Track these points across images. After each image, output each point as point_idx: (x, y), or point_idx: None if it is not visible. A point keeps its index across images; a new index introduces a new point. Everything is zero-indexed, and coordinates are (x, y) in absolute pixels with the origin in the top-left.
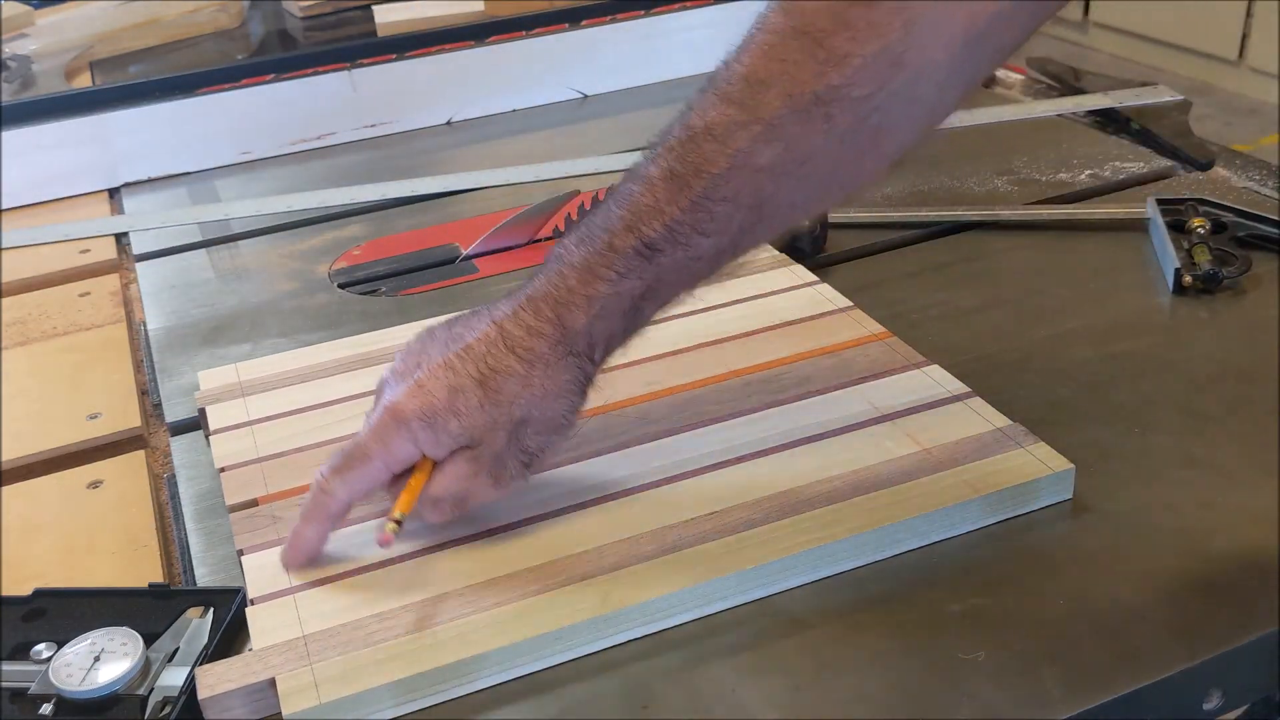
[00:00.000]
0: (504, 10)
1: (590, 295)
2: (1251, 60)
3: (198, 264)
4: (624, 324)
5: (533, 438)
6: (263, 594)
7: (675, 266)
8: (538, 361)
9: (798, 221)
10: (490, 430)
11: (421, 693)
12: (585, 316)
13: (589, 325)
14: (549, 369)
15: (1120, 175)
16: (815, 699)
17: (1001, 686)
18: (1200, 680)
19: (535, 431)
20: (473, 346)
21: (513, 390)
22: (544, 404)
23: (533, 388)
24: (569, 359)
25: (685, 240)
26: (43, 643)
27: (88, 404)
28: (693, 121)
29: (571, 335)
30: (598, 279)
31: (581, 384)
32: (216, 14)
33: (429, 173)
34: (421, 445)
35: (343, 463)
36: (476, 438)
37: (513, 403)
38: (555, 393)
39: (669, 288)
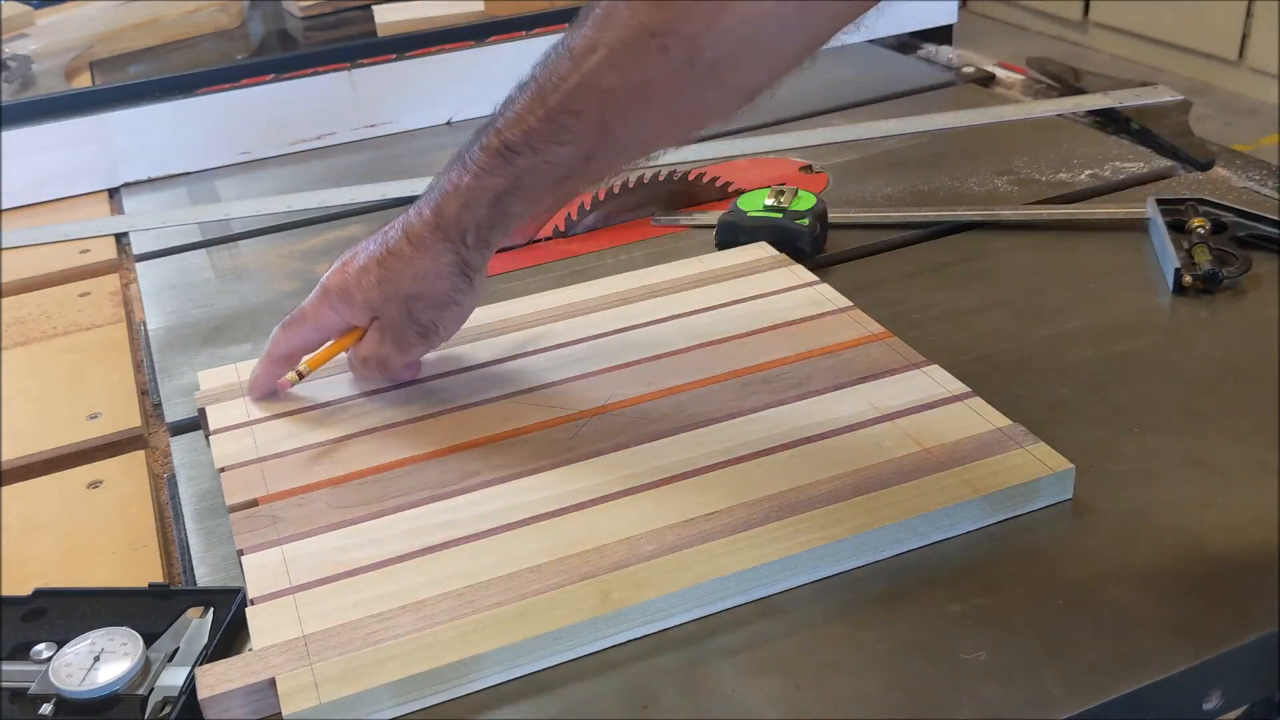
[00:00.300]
0: (504, 10)
1: (458, 186)
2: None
3: (198, 264)
4: (489, 214)
5: (423, 312)
6: (263, 594)
7: (533, 169)
8: (420, 245)
9: (651, 147)
10: (386, 303)
11: (421, 693)
12: (455, 205)
13: (458, 213)
14: (429, 252)
15: (1120, 175)
16: (815, 699)
17: (1001, 686)
18: (1200, 680)
19: (425, 307)
20: (386, 231)
21: (400, 270)
22: (427, 282)
23: (415, 267)
24: (445, 244)
25: (540, 147)
26: (43, 643)
27: (88, 404)
28: (565, 42)
29: (446, 222)
30: (466, 173)
31: (459, 267)
32: (216, 14)
33: (429, 173)
34: (340, 314)
35: (288, 321)
36: (378, 309)
37: (400, 280)
38: (436, 273)
39: (531, 189)
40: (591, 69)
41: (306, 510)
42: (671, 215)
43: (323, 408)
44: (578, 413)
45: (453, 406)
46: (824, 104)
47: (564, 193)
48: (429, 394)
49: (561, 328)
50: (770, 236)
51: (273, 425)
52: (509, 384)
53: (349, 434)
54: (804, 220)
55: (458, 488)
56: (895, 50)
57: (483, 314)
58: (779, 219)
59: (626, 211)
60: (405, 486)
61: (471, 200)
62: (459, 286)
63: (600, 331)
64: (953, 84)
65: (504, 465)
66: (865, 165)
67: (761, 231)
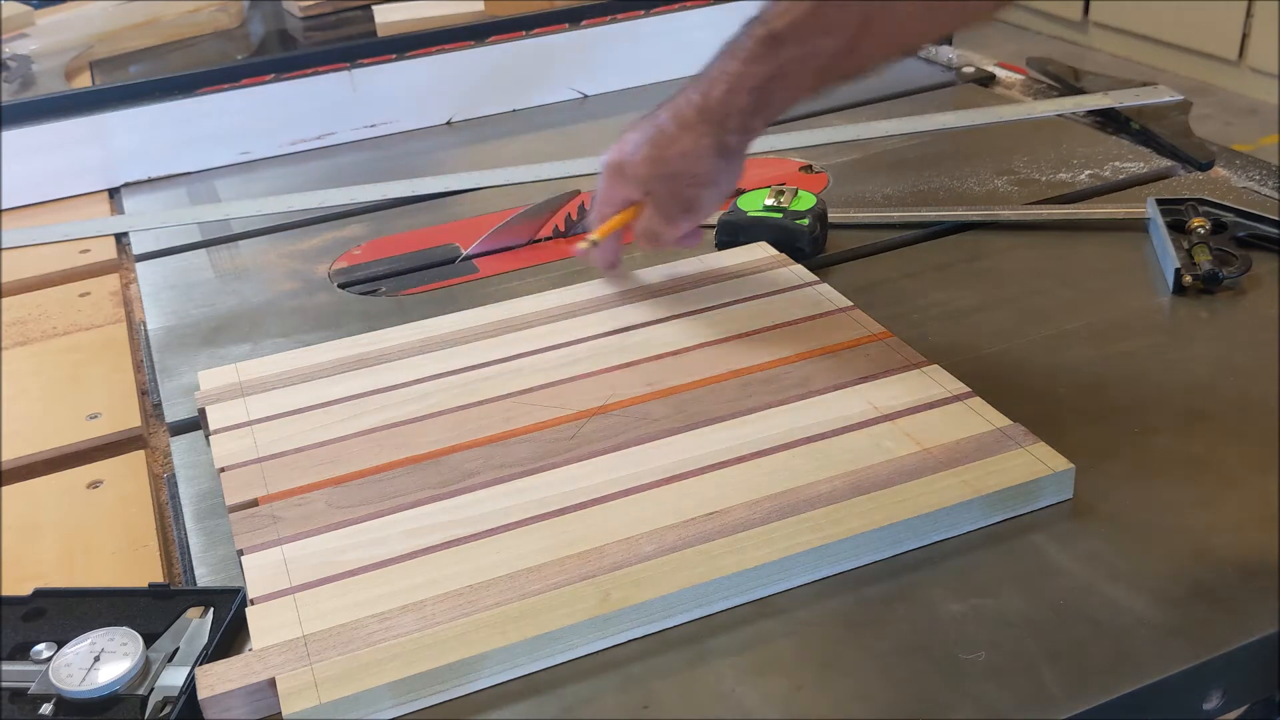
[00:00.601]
0: (504, 10)
1: (725, 72)
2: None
3: (198, 264)
4: (752, 100)
5: (687, 189)
6: (263, 594)
7: (796, 59)
8: (685, 126)
9: (910, 43)
10: (654, 179)
11: (421, 693)
12: (721, 90)
13: (724, 98)
14: (692, 133)
15: (1120, 175)
16: (815, 699)
17: (1001, 686)
18: (1200, 680)
19: (688, 184)
20: (658, 113)
21: (666, 148)
22: (689, 161)
23: (680, 147)
24: (707, 126)
25: (805, 37)
26: (43, 643)
27: (88, 404)
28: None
29: (711, 106)
30: (734, 59)
31: (719, 149)
32: (216, 14)
33: (429, 173)
34: (617, 189)
35: (594, 202)
36: (648, 185)
37: (666, 158)
38: (697, 153)
39: (793, 77)
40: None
41: (306, 510)
42: None
43: (323, 408)
44: (578, 413)
45: (453, 406)
46: (824, 104)
47: (824, 83)
48: (429, 394)
49: (561, 328)
50: (770, 236)
51: (273, 425)
52: (509, 384)
53: (349, 434)
54: (804, 220)
55: (458, 488)
56: None
57: (483, 314)
58: (779, 219)
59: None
60: (405, 486)
61: (737, 86)
62: (718, 167)
63: (600, 331)
64: (953, 84)
65: (504, 465)
66: (865, 165)
67: (761, 231)
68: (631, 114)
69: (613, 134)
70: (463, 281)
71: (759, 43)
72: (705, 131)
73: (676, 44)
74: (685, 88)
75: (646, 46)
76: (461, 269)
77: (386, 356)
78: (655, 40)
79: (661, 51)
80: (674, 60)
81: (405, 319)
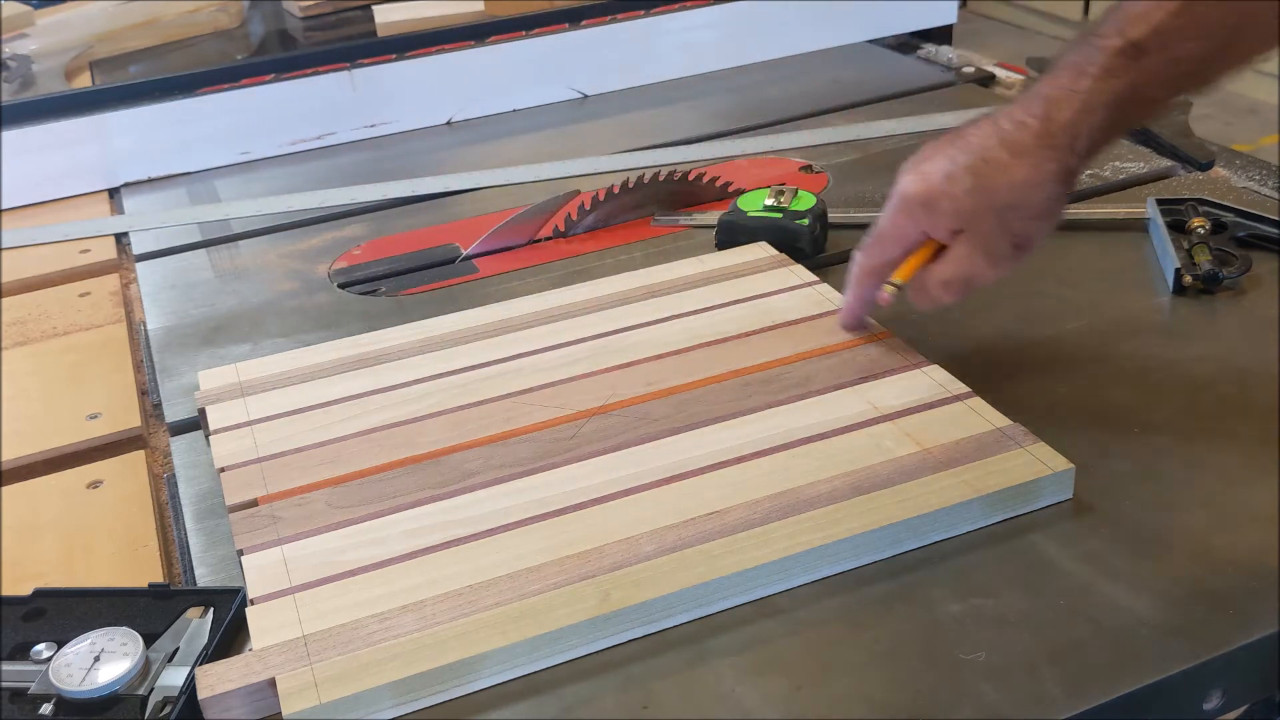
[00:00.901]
0: (504, 10)
1: (1074, 90)
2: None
3: (198, 264)
4: (1106, 118)
5: (1018, 222)
6: (263, 594)
7: (1158, 69)
8: (1021, 153)
9: (1269, 49)
10: (978, 214)
11: (421, 693)
12: (1070, 111)
13: (1074, 119)
14: (1030, 159)
15: (1120, 175)
16: (815, 699)
17: (1001, 686)
18: (1200, 680)
19: (1020, 217)
20: (969, 138)
21: (996, 178)
22: (1026, 191)
23: (1013, 176)
24: (1049, 150)
25: (1171, 43)
26: (43, 643)
27: (88, 404)
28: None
29: (1055, 129)
30: (1083, 76)
31: (1061, 176)
32: (216, 14)
33: (429, 173)
34: (921, 223)
35: (867, 243)
36: (967, 220)
37: (996, 189)
38: (1035, 182)
39: (1150, 90)
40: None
41: (306, 510)
42: (671, 215)
43: (323, 408)
44: (578, 413)
45: (453, 406)
46: (824, 104)
47: (1179, 93)
48: (429, 394)
49: (561, 328)
50: (770, 236)
51: (273, 425)
52: (509, 384)
53: (349, 434)
54: (804, 220)
55: (458, 488)
56: (895, 50)
57: (483, 314)
58: (779, 219)
59: (626, 211)
60: (405, 486)
61: (1091, 104)
62: (1056, 195)
63: (600, 331)
64: (953, 84)
65: (504, 465)
66: (865, 165)
67: (761, 231)
68: (632, 114)
69: (613, 134)
70: (463, 281)
71: (1115, 55)
72: (1049, 157)
73: (676, 44)
74: (1003, 112)
75: (646, 46)
76: (461, 269)
77: (386, 356)
78: (655, 40)
79: (661, 51)
80: (674, 60)
81: (405, 319)
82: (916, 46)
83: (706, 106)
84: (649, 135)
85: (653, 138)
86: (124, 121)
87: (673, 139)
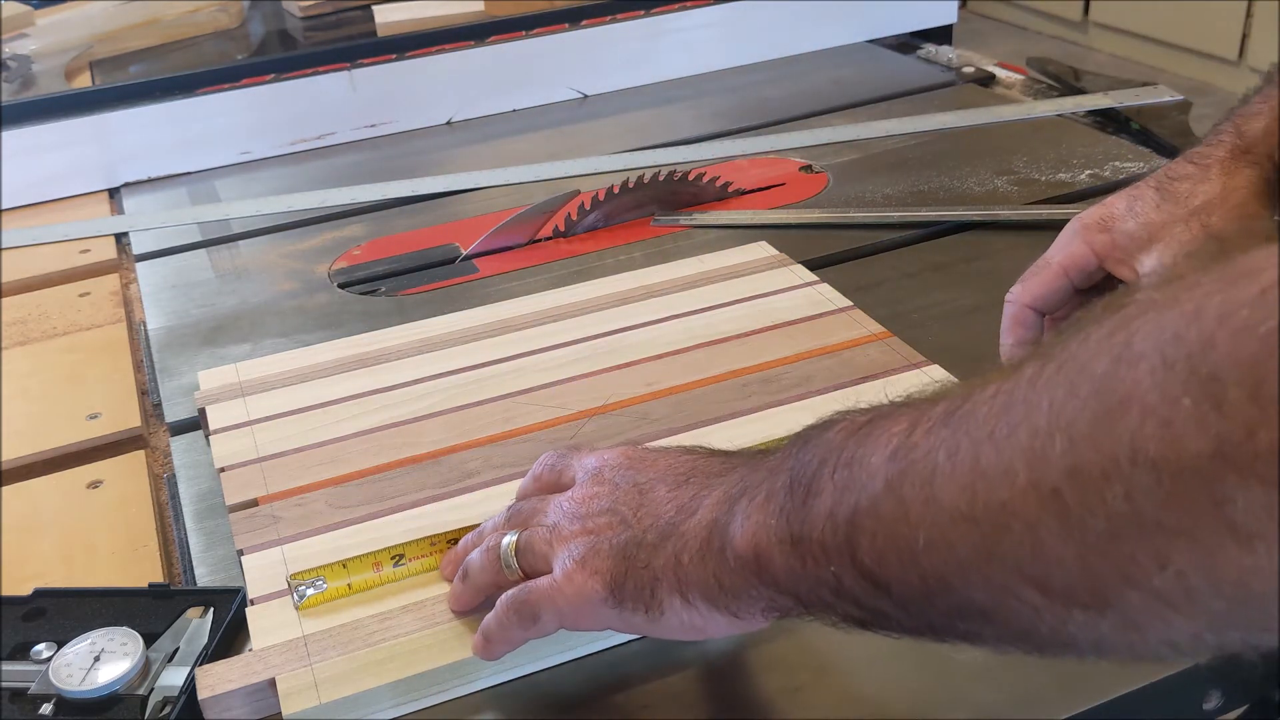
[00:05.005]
0: (504, 10)
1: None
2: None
3: (198, 264)
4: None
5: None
6: (263, 594)
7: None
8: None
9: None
10: (1170, 223)
11: (421, 693)
12: (1261, 122)
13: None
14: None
15: (1120, 175)
16: (815, 699)
17: (1000, 687)
18: (1200, 680)
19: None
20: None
21: (1187, 190)
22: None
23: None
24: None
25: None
26: (43, 643)
27: (88, 404)
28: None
29: (1248, 143)
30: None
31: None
32: (216, 14)
33: (429, 173)
34: (1093, 245)
35: (1026, 273)
36: (1160, 234)
37: (1191, 195)
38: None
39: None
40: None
41: (306, 510)
42: (671, 215)
43: (323, 408)
44: (578, 413)
45: (453, 407)
46: (824, 104)
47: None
48: (429, 394)
49: (561, 328)
50: None
51: (273, 425)
52: (509, 384)
53: (349, 434)
54: None
55: (458, 488)
56: (895, 50)
57: (483, 314)
58: None
59: (626, 211)
60: (405, 486)
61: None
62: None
63: (600, 331)
64: (953, 84)
65: (504, 465)
66: (865, 165)
67: None
68: (632, 114)
69: (613, 134)
70: (463, 281)
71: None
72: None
73: (676, 44)
74: (1186, 156)
75: (646, 46)
76: (461, 269)
77: (386, 356)
78: (655, 40)
79: (661, 51)
80: (674, 60)
81: (405, 319)
82: (916, 46)
83: (706, 106)
84: (649, 135)
85: (653, 138)
86: (124, 121)
87: (673, 139)
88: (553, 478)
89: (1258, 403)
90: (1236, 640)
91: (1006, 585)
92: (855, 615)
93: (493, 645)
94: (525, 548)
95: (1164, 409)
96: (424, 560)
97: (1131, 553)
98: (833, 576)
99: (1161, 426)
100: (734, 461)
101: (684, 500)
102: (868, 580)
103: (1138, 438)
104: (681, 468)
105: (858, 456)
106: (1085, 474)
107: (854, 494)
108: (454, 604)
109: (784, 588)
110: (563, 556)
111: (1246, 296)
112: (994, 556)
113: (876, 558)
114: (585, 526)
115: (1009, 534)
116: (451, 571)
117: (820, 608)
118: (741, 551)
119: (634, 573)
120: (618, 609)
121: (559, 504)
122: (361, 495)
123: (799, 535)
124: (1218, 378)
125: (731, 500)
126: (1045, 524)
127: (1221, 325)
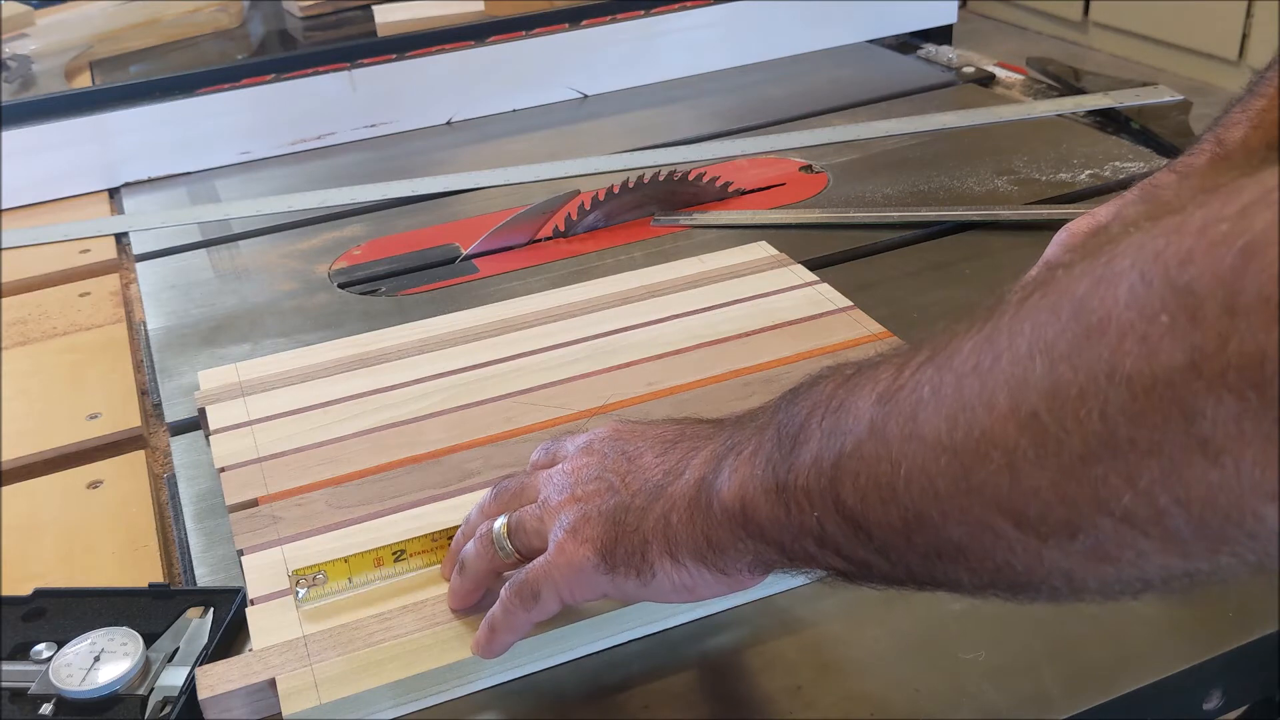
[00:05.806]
0: (504, 10)
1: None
2: (1251, 60)
3: (198, 264)
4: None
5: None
6: (263, 594)
7: None
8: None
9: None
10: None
11: (421, 693)
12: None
13: None
14: None
15: (1120, 175)
16: (815, 698)
17: (1001, 686)
18: (1200, 680)
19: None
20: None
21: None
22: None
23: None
24: None
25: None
26: (43, 643)
27: (88, 404)
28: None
29: None
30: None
31: None
32: (216, 14)
33: (429, 173)
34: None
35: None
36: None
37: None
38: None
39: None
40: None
41: (306, 510)
42: (671, 215)
43: (323, 407)
44: (578, 413)
45: (453, 406)
46: (824, 104)
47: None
48: (429, 394)
49: (561, 328)
50: None
51: (273, 425)
52: (509, 384)
53: (349, 434)
54: None
55: (458, 488)
56: (895, 50)
57: (483, 314)
58: None
59: (626, 211)
60: (405, 486)
61: None
62: None
63: (600, 331)
64: (953, 84)
65: (504, 465)
66: (865, 165)
67: None
68: (632, 114)
69: (613, 134)
70: (463, 281)
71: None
72: None
73: (676, 44)
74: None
75: (646, 46)
76: (461, 269)
77: (386, 356)
78: (655, 40)
79: (661, 51)
80: (674, 60)
81: (405, 319)
82: (916, 46)
83: (706, 106)
84: (649, 135)
85: (653, 138)
86: (124, 121)
87: (673, 139)
88: (546, 460)
89: (1231, 314)
90: (1204, 568)
91: (982, 519)
92: (838, 566)
93: (499, 634)
94: (516, 528)
95: (1141, 325)
96: (425, 556)
97: (1104, 474)
98: (816, 523)
99: (1139, 343)
100: (722, 424)
101: (672, 463)
102: (850, 524)
103: (1116, 355)
104: (669, 434)
105: (845, 403)
106: (1063, 395)
107: (839, 438)
108: (453, 600)
109: (769, 538)
110: (555, 529)
111: (1228, 213)
112: (971, 489)
113: (859, 498)
114: (574, 494)
115: (987, 463)
116: (450, 571)
117: (804, 559)
118: (728, 503)
119: (624, 537)
120: (610, 575)
121: (548, 477)
122: (361, 495)
123: (784, 483)
124: (1193, 290)
125: (719, 458)
126: (1022, 450)
127: (1199, 238)
